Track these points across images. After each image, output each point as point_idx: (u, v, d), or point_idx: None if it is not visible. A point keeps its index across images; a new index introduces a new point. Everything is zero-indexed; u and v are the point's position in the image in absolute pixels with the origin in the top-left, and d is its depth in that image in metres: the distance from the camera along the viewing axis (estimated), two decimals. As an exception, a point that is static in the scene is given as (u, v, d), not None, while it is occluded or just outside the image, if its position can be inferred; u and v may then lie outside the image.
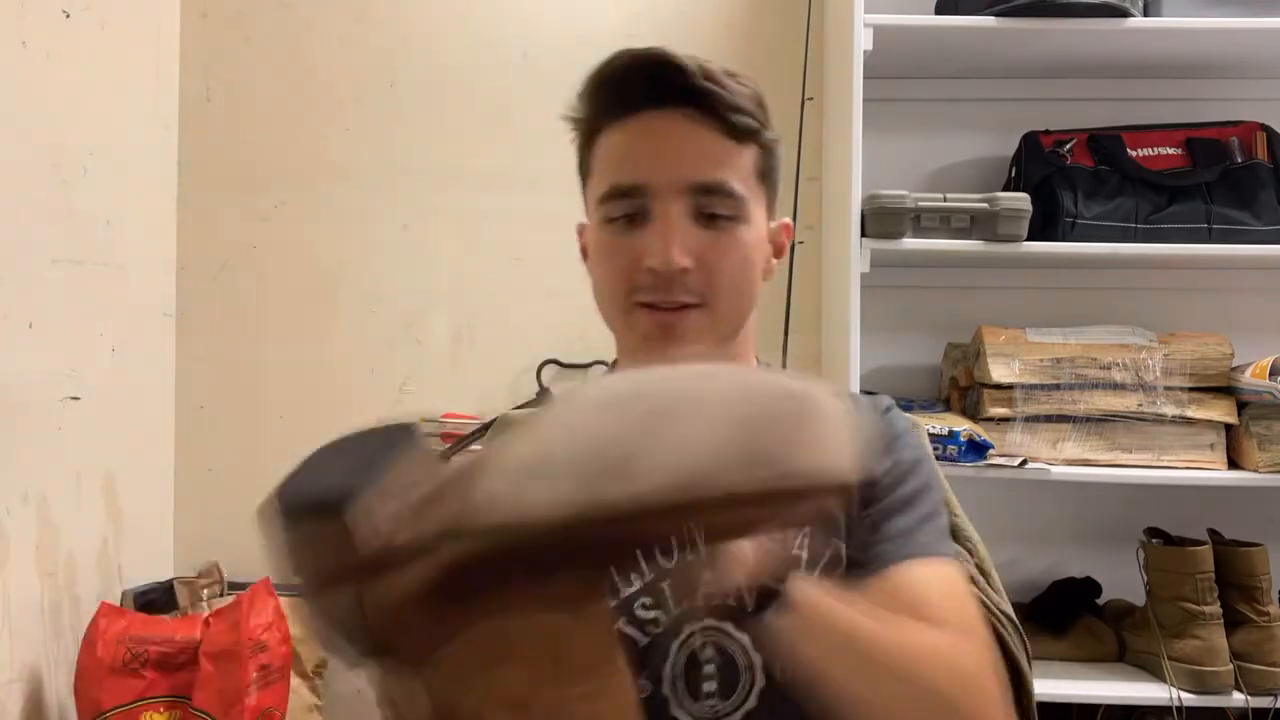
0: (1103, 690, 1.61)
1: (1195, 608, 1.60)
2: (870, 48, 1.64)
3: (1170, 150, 1.78)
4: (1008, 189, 1.83)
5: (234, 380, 2.10)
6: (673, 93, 0.76)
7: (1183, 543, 1.66)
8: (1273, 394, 1.58)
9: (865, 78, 1.65)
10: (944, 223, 1.68)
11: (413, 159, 2.06)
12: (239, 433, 2.09)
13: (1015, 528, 1.87)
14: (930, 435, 1.60)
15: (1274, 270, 1.87)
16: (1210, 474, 1.66)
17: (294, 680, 1.80)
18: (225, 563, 2.01)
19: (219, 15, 2.11)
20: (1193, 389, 1.68)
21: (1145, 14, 1.71)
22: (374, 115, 2.08)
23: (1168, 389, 1.68)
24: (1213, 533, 1.68)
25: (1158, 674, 1.62)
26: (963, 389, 1.81)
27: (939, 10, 1.78)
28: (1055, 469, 1.66)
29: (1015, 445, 1.68)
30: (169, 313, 2.09)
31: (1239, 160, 1.75)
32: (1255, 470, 1.64)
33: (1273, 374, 1.58)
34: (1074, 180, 1.74)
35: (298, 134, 2.10)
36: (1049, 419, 1.69)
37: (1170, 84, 1.91)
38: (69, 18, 1.76)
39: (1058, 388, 1.69)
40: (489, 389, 2.04)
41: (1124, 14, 1.67)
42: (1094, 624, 1.75)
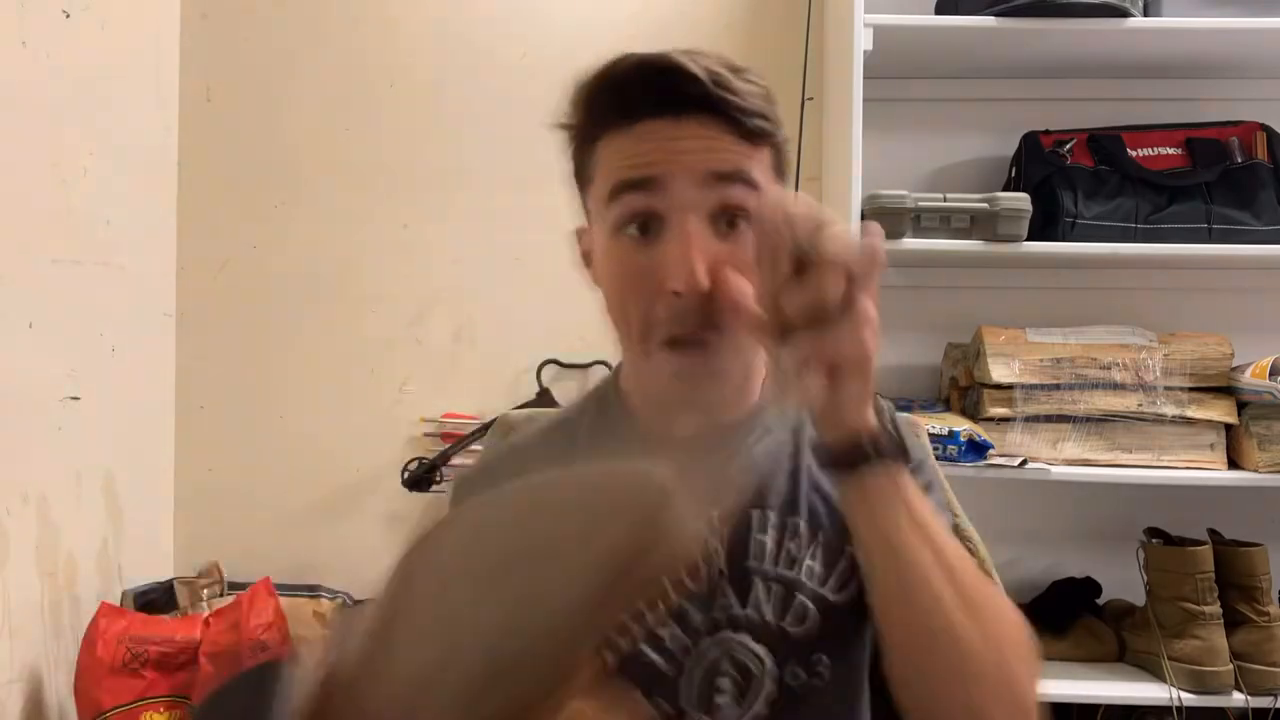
0: (1103, 690, 1.61)
1: (1195, 608, 1.60)
2: (870, 48, 1.64)
3: (1170, 150, 1.78)
4: (1008, 189, 1.83)
5: (234, 380, 2.10)
6: (681, 101, 0.71)
7: (1183, 543, 1.66)
8: (1273, 394, 1.58)
9: (865, 78, 1.65)
10: (944, 223, 1.68)
11: (413, 159, 2.07)
12: (239, 433, 2.09)
13: (1015, 528, 1.87)
14: (930, 435, 1.60)
15: (1274, 270, 1.87)
16: (1210, 474, 1.66)
17: (294, 680, 1.80)
18: (225, 563, 2.01)
19: (219, 15, 2.11)
20: (1193, 389, 1.68)
21: (1145, 14, 1.71)
22: (374, 115, 2.08)
23: (1168, 389, 1.68)
24: (1213, 533, 1.68)
25: (1158, 674, 1.62)
26: (963, 389, 1.81)
27: (939, 10, 1.78)
28: (1055, 469, 1.66)
29: (1015, 445, 1.68)
30: (169, 313, 2.09)
31: (1239, 160, 1.75)
32: (1255, 470, 1.64)
33: (1273, 374, 1.58)
34: (1074, 180, 1.74)
35: (298, 134, 2.10)
36: (1049, 419, 1.69)
37: (1170, 84, 1.91)
38: (69, 18, 1.76)
39: (1058, 388, 1.69)
40: (489, 389, 2.04)
41: (1124, 14, 1.67)
42: (1094, 624, 1.75)
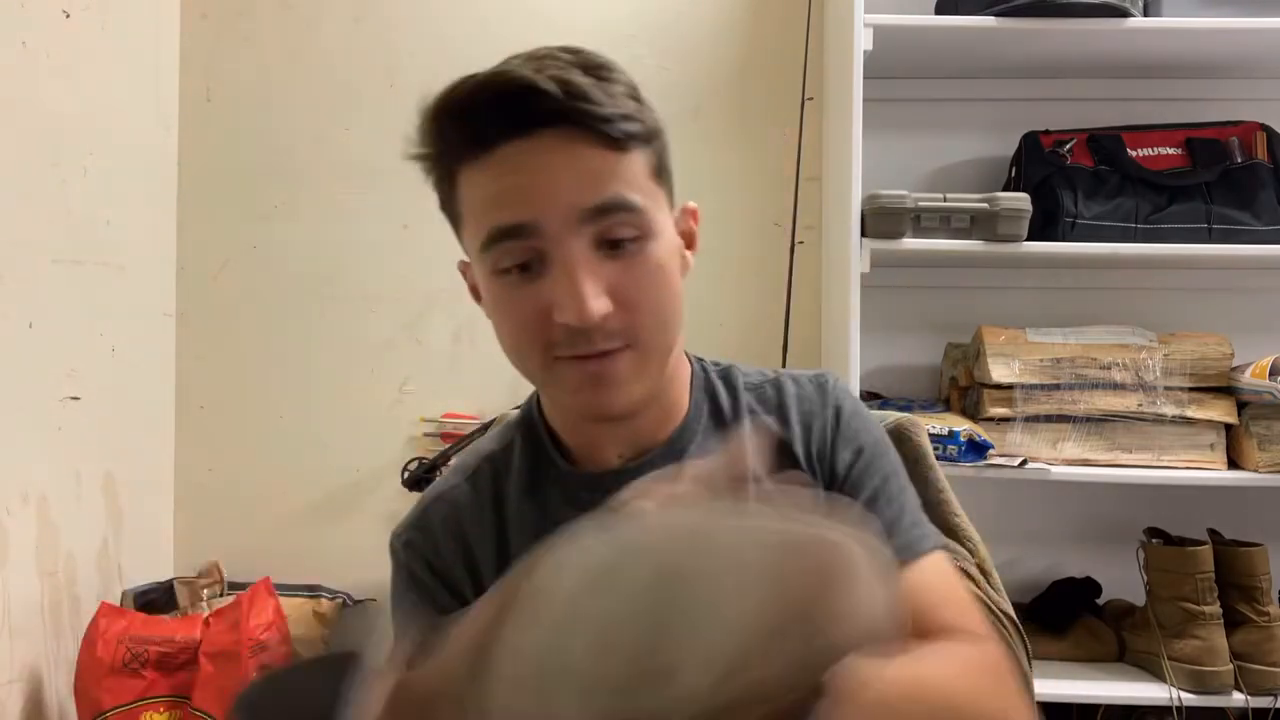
0: (1103, 690, 1.61)
1: (1195, 608, 1.60)
2: (870, 48, 1.64)
3: (1170, 150, 1.78)
4: (1008, 189, 1.83)
5: (234, 380, 2.10)
6: (535, 118, 0.66)
7: (1183, 543, 1.65)
8: (1273, 394, 1.58)
9: (865, 78, 1.64)
10: (944, 223, 1.68)
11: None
12: (239, 433, 2.09)
13: (1015, 528, 1.87)
14: (930, 435, 1.60)
15: (1274, 270, 1.87)
16: (1210, 474, 1.66)
17: (294, 680, 1.80)
18: (225, 563, 2.01)
19: (219, 15, 2.12)
20: (1193, 389, 1.68)
21: (1145, 14, 1.71)
22: (374, 115, 2.08)
23: (1168, 389, 1.67)
24: (1213, 533, 1.68)
25: (1158, 674, 1.62)
26: (963, 389, 1.81)
27: (939, 10, 1.78)
28: (1055, 469, 1.66)
29: (1015, 445, 1.68)
30: (169, 313, 2.09)
31: (1239, 160, 1.75)
32: (1255, 470, 1.64)
33: (1273, 374, 1.58)
34: (1074, 180, 1.74)
35: (298, 134, 2.10)
36: (1049, 419, 1.68)
37: (1170, 84, 1.91)
38: (69, 18, 1.76)
39: (1058, 388, 1.68)
40: (489, 389, 2.04)
41: (1124, 14, 1.67)
42: (1094, 624, 1.75)
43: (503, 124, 0.67)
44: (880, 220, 1.66)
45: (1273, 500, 1.78)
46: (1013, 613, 0.94)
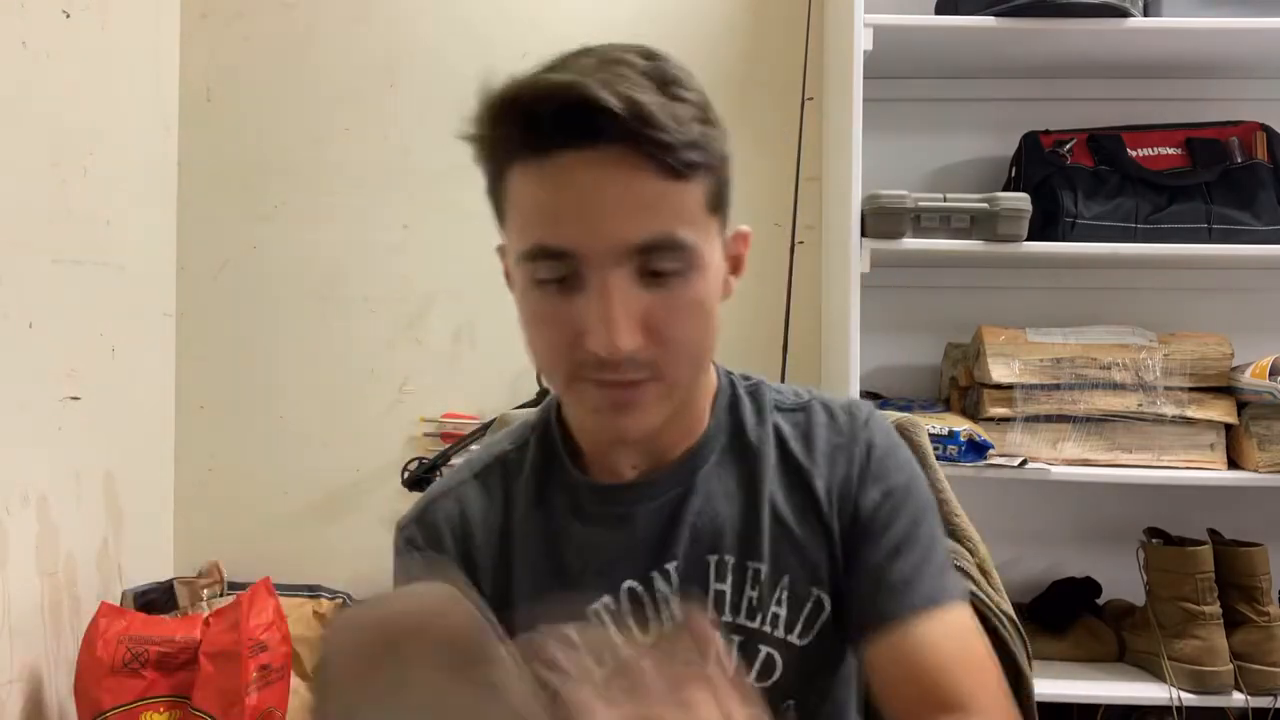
0: (1103, 690, 1.61)
1: (1195, 608, 1.60)
2: (870, 48, 1.64)
3: (1170, 150, 1.78)
4: (1008, 189, 1.83)
5: (234, 380, 2.10)
6: (597, 133, 0.63)
7: (1183, 543, 1.65)
8: (1273, 394, 1.58)
9: (865, 78, 1.64)
10: (944, 223, 1.68)
11: (413, 159, 2.07)
12: (239, 433, 2.09)
13: (1015, 528, 1.87)
14: (930, 435, 1.60)
15: (1274, 270, 1.87)
16: (1210, 474, 1.66)
17: (294, 680, 1.80)
18: (225, 563, 2.01)
19: (219, 15, 2.12)
20: (1193, 389, 1.68)
21: (1145, 14, 1.71)
22: (374, 115, 2.08)
23: (1168, 389, 1.67)
24: (1213, 533, 1.68)
25: (1158, 674, 1.62)
26: (963, 389, 1.81)
27: (939, 10, 1.78)
28: (1055, 469, 1.66)
29: (1015, 445, 1.68)
30: (169, 313, 2.09)
31: (1239, 160, 1.75)
32: (1255, 470, 1.64)
33: (1273, 374, 1.58)
34: (1074, 180, 1.74)
35: (298, 134, 2.10)
36: (1049, 419, 1.68)
37: (1170, 84, 1.91)
38: (69, 18, 1.76)
39: (1058, 388, 1.69)
40: (489, 389, 2.04)
41: (1124, 14, 1.67)
42: (1094, 624, 1.75)
43: (563, 133, 0.64)
44: (880, 220, 1.66)
45: (1273, 500, 1.78)
46: (1013, 613, 0.94)
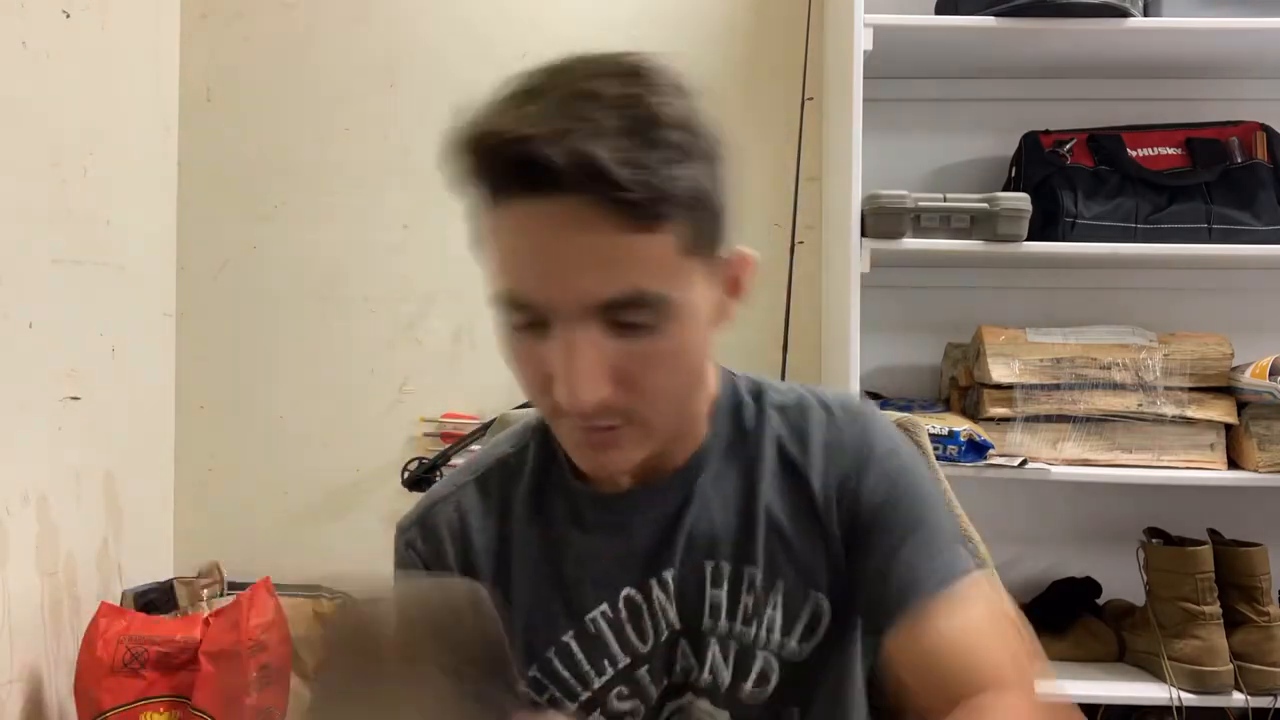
0: (1103, 690, 1.61)
1: (1195, 608, 1.60)
2: (870, 48, 1.64)
3: (1170, 150, 1.78)
4: (1008, 189, 1.83)
5: (234, 380, 2.10)
6: (552, 185, 0.59)
7: (1183, 543, 1.65)
8: (1273, 394, 1.58)
9: (865, 78, 1.64)
10: (944, 223, 1.68)
11: (413, 159, 2.06)
12: (239, 433, 2.09)
13: (1015, 528, 1.87)
14: (930, 435, 1.60)
15: (1274, 270, 1.87)
16: (1210, 474, 1.66)
17: (294, 680, 1.80)
18: (225, 563, 2.01)
19: (219, 15, 2.12)
20: (1193, 389, 1.68)
21: (1145, 14, 1.71)
22: (374, 115, 2.08)
23: (1168, 389, 1.67)
24: (1213, 533, 1.68)
25: (1158, 674, 1.62)
26: (963, 389, 1.81)
27: (939, 10, 1.78)
28: (1055, 469, 1.66)
29: (1015, 445, 1.68)
30: (169, 313, 2.09)
31: (1239, 160, 1.75)
32: (1255, 470, 1.64)
33: (1273, 374, 1.58)
34: (1074, 180, 1.74)
35: (298, 134, 2.10)
36: (1049, 419, 1.68)
37: (1170, 84, 1.91)
38: (69, 18, 1.76)
39: (1058, 388, 1.68)
40: (489, 389, 2.04)
41: (1124, 14, 1.67)
42: (1094, 624, 1.75)
43: (521, 184, 0.60)
44: (880, 220, 1.66)
45: (1273, 500, 1.78)
46: (1013, 613, 0.94)
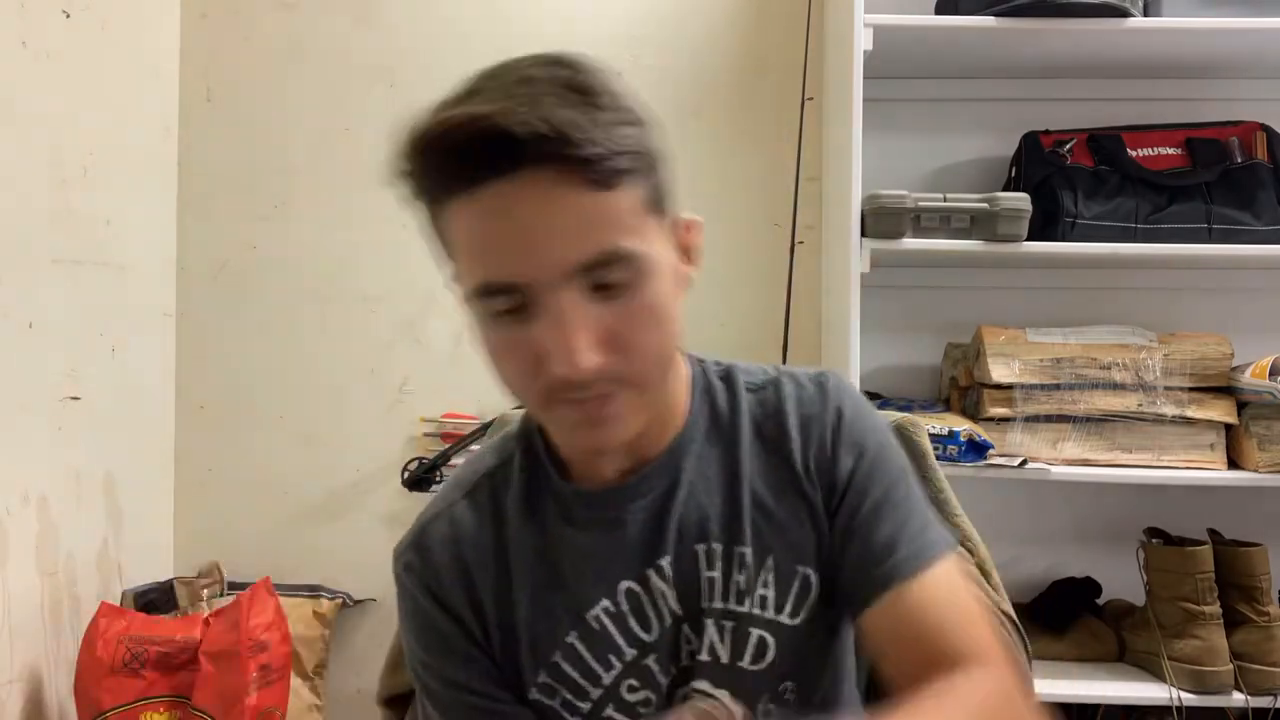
0: (1103, 690, 1.61)
1: (1195, 608, 1.60)
2: (870, 48, 1.64)
3: (1170, 150, 1.78)
4: (1008, 189, 1.83)
5: (234, 380, 2.10)
6: (516, 159, 0.63)
7: (1183, 543, 1.65)
8: (1273, 394, 1.58)
9: (865, 78, 1.64)
10: (944, 223, 1.68)
11: (413, 159, 2.06)
12: (239, 433, 2.09)
13: (1015, 528, 1.87)
14: (930, 435, 1.60)
15: (1274, 270, 1.87)
16: (1210, 474, 1.66)
17: (294, 680, 1.80)
18: (225, 563, 2.01)
19: (219, 15, 2.12)
20: (1193, 389, 1.68)
21: (1145, 14, 1.71)
22: (374, 115, 2.08)
23: (1168, 389, 1.67)
24: (1213, 533, 1.68)
25: (1158, 674, 1.62)
26: (963, 389, 1.81)
27: (939, 10, 1.78)
28: (1055, 469, 1.66)
29: (1015, 445, 1.68)
30: (169, 313, 2.09)
31: (1239, 160, 1.75)
32: (1255, 470, 1.64)
33: (1273, 374, 1.58)
34: (1074, 180, 1.74)
35: (298, 134, 2.10)
36: (1049, 419, 1.69)
37: (1170, 84, 1.91)
38: (69, 18, 1.76)
39: (1058, 388, 1.68)
40: (489, 389, 2.01)
41: (1124, 14, 1.67)
42: (1094, 624, 1.75)
43: (484, 166, 0.64)
44: (880, 220, 1.66)
45: (1273, 500, 1.78)
46: (1013, 613, 0.94)
